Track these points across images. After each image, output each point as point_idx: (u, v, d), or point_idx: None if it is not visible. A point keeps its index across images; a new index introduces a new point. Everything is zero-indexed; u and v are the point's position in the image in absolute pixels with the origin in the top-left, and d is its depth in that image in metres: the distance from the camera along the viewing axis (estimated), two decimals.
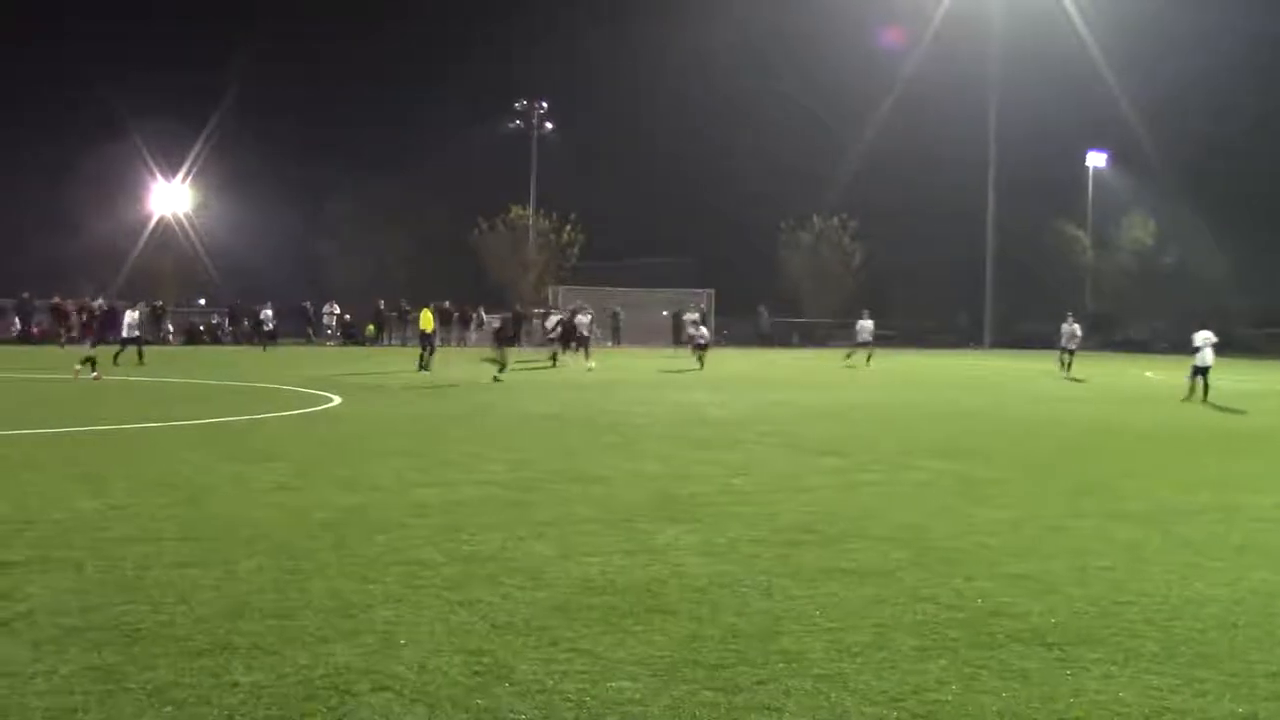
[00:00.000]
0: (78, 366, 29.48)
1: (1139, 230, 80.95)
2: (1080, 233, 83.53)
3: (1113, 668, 6.61)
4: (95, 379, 28.49)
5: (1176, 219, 77.56)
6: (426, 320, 38.48)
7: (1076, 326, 41.84)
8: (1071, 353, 40.95)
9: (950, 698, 6.12)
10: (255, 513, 10.90)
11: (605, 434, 18.87)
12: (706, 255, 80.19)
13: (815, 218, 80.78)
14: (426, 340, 37.82)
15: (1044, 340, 74.76)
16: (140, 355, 35.54)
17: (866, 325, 48.43)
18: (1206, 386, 27.58)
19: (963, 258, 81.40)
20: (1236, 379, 37.43)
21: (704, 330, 46.15)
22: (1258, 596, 8.38)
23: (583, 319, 44.53)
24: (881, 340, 73.37)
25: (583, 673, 6.39)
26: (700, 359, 41.57)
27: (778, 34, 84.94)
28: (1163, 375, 38.49)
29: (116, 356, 34.52)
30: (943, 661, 6.68)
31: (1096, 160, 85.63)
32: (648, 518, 10.97)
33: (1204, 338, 28.18)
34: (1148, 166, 79.29)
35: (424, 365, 35.94)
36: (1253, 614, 7.87)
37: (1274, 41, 74.13)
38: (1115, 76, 75.44)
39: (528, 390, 28.95)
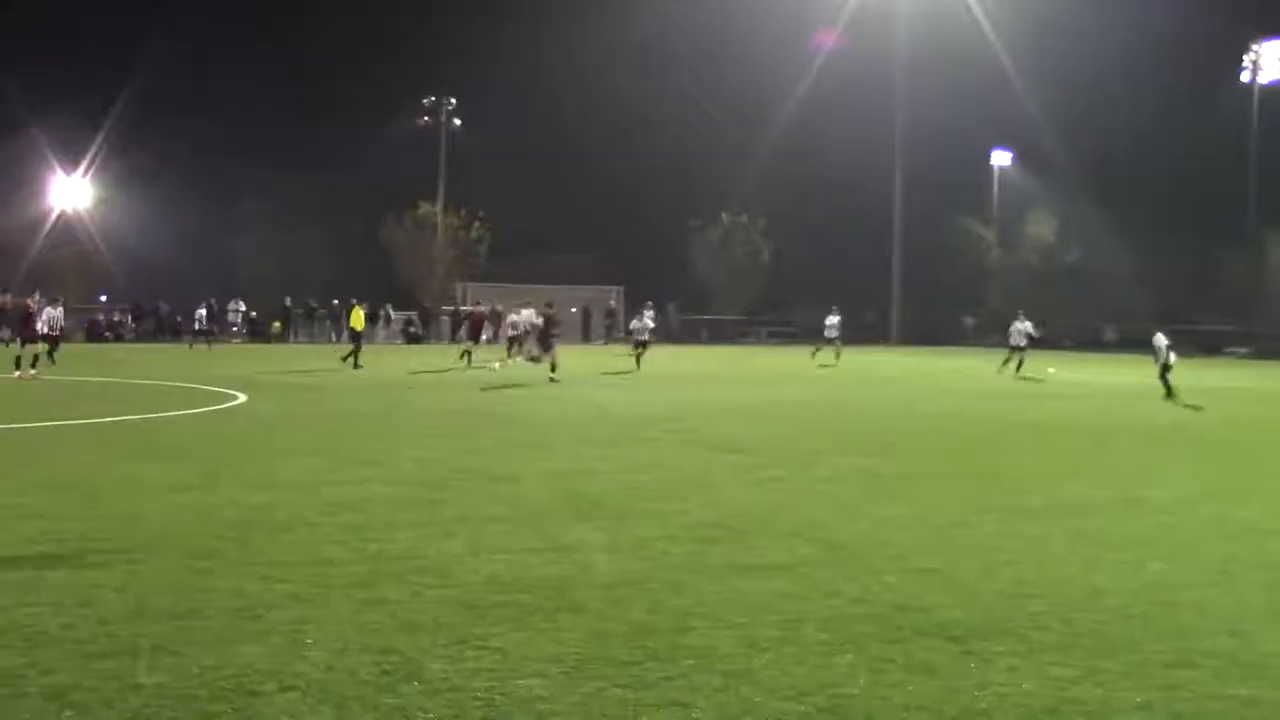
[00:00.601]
0: (30, 369, 29.17)
1: (1042, 228, 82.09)
2: (985, 230, 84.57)
3: (1016, 660, 6.71)
4: (35, 377, 28.26)
5: (1079, 217, 78.74)
6: (358, 319, 38.42)
7: (1029, 324, 39.99)
8: (1022, 350, 39.08)
9: (858, 691, 6.17)
10: (160, 512, 10.75)
11: (516, 431, 18.81)
12: (615, 253, 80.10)
13: (724, 215, 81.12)
14: (356, 338, 37.70)
15: (949, 336, 76.08)
16: (52, 354, 34.84)
17: (834, 321, 46.67)
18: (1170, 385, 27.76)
19: (870, 255, 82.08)
20: (1141, 375, 38.07)
21: (648, 323, 40.67)
22: (1156, 588, 8.53)
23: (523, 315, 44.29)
24: (787, 337, 73.89)
25: (492, 670, 6.37)
26: (638, 358, 38.12)
27: (686, 32, 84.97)
28: (1066, 372, 39.04)
29: (52, 354, 33.83)
30: (850, 656, 6.74)
31: (1001, 158, 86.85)
32: (557, 515, 10.96)
33: (1164, 339, 28.41)
34: (1051, 165, 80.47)
35: (356, 363, 35.66)
36: (1151, 605, 8.02)
37: (1175, 40, 75.51)
38: (1020, 76, 76.39)
39: (442, 388, 28.81)
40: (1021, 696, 6.13)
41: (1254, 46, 76.67)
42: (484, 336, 38.78)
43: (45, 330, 33.71)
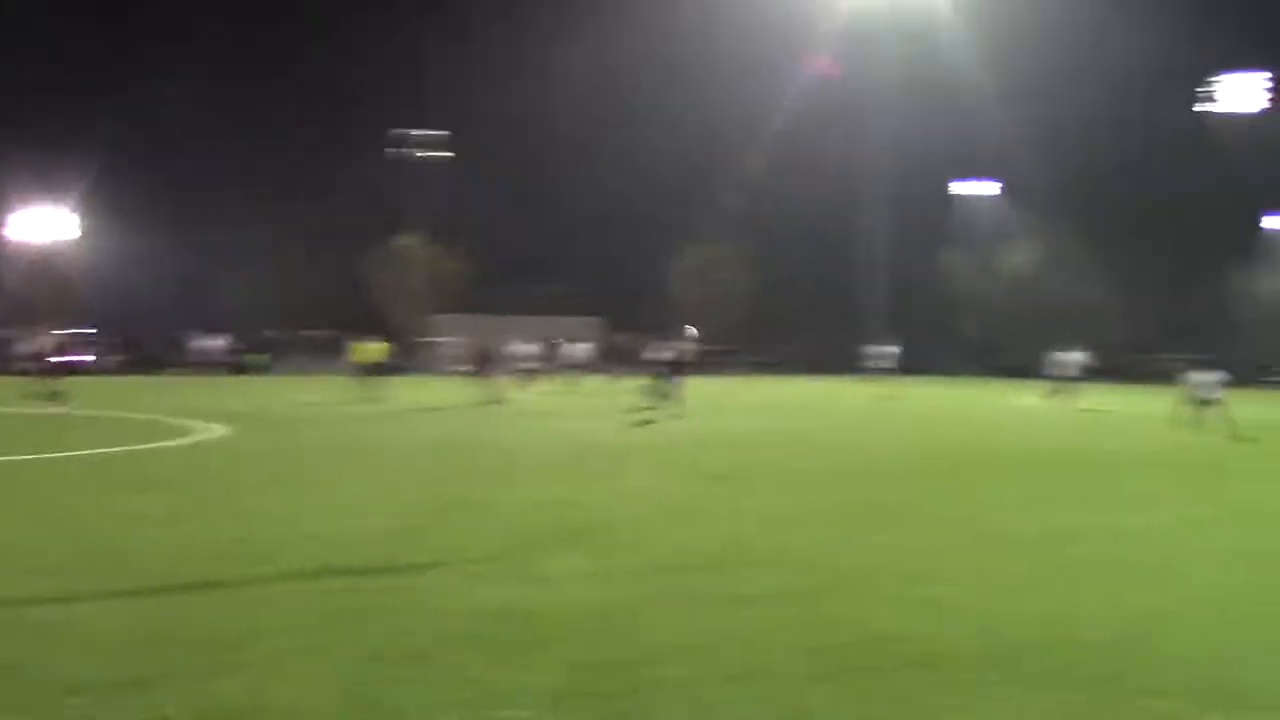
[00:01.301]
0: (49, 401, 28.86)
1: (1020, 257, 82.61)
2: (963, 260, 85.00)
3: (999, 690, 6.68)
4: (50, 408, 28.08)
5: (1056, 247, 79.38)
6: (381, 351, 38.62)
7: (1078, 354, 38.74)
8: (1071, 380, 37.88)
9: None
10: (137, 544, 10.66)
11: (500, 460, 18.77)
12: (596, 282, 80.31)
13: (704, 244, 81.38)
14: (381, 370, 37.66)
15: (930, 366, 76.24)
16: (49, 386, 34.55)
17: (886, 351, 46.10)
18: (1217, 418, 27.35)
19: (849, 284, 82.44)
20: (1116, 403, 38.20)
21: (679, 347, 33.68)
22: (1141, 617, 8.49)
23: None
24: (768, 367, 73.86)
25: (468, 702, 6.31)
26: (663, 387, 31.57)
27: (665, 61, 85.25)
28: (1043, 401, 39.08)
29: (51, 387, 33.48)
30: (832, 686, 6.70)
31: (981, 189, 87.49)
32: (538, 545, 10.90)
33: (1201, 377, 28.35)
34: (1030, 196, 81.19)
35: (376, 395, 35.54)
36: (1136, 634, 7.99)
37: (1154, 75, 76.33)
38: (1002, 108, 77.01)
39: (427, 419, 28.73)
40: None
41: (1213, 79, 78.40)
42: (484, 370, 38.57)
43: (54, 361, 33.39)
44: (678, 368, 32.56)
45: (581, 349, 52.03)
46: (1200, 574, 10.17)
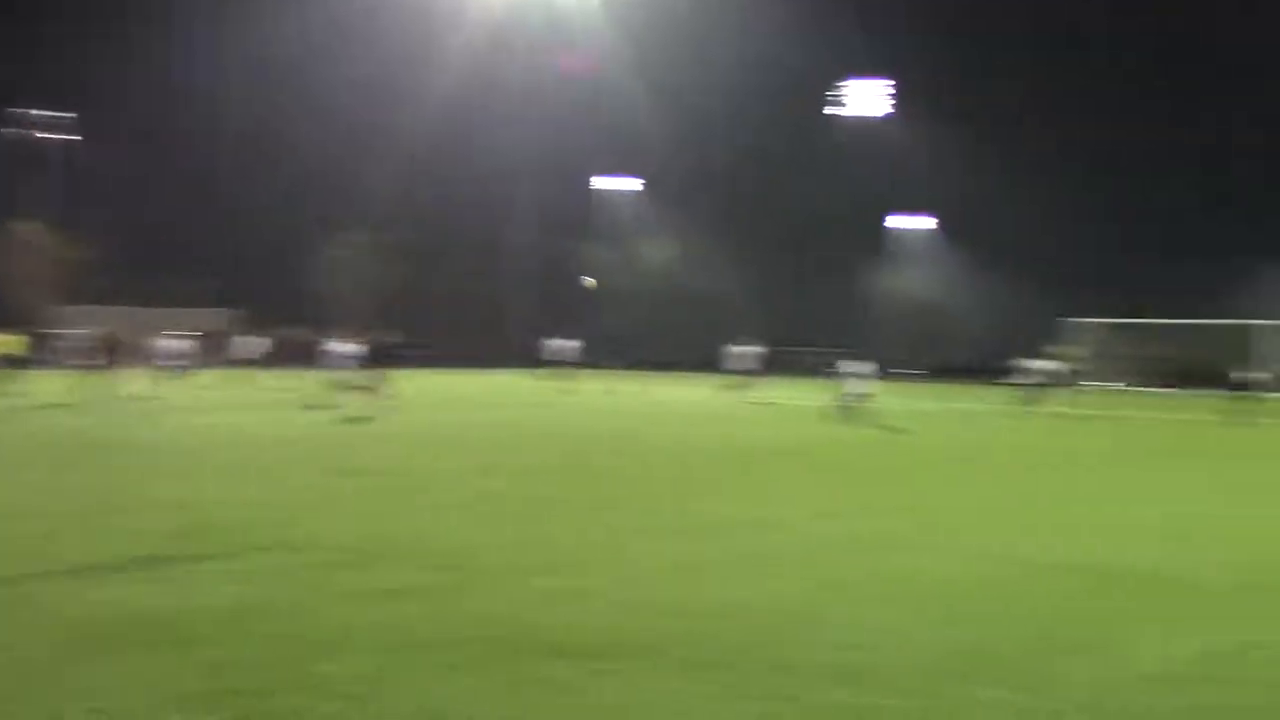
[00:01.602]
0: None
1: (660, 253, 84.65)
2: (605, 254, 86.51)
3: (644, 676, 6.84)
4: None
5: (696, 243, 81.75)
6: (15, 343, 36.15)
7: (751, 349, 40.73)
8: (746, 374, 39.79)
9: (485, 711, 6.19)
10: None
11: (133, 459, 18.01)
12: (233, 272, 77.94)
13: (349, 235, 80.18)
14: (14, 363, 35.08)
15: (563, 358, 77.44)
16: None
17: (567, 346, 47.43)
18: (860, 411, 29.27)
19: (496, 277, 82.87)
20: (782, 395, 39.62)
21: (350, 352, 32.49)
22: (773, 602, 8.87)
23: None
24: (420, 360, 73.39)
25: (102, 710, 6.04)
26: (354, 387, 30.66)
27: (310, 46, 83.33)
28: (717, 394, 40.14)
29: None
30: (479, 676, 6.74)
31: (623, 184, 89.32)
32: (179, 545, 10.49)
33: (852, 370, 29.93)
34: (670, 192, 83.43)
35: (6, 390, 33.10)
36: (768, 619, 8.35)
37: (788, 78, 79.64)
38: (644, 105, 78.88)
39: (52, 415, 27.28)
40: (644, 711, 6.28)
41: (841, 84, 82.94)
42: (116, 363, 36.69)
43: None
44: (366, 362, 31.92)
45: (245, 342, 50.29)
46: (831, 562, 10.68)
